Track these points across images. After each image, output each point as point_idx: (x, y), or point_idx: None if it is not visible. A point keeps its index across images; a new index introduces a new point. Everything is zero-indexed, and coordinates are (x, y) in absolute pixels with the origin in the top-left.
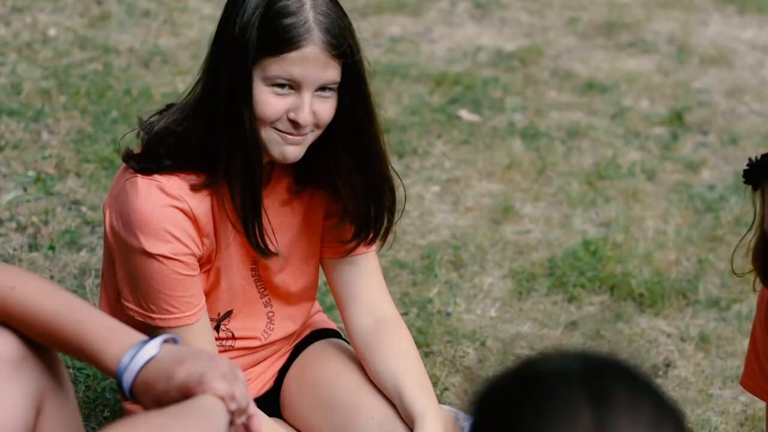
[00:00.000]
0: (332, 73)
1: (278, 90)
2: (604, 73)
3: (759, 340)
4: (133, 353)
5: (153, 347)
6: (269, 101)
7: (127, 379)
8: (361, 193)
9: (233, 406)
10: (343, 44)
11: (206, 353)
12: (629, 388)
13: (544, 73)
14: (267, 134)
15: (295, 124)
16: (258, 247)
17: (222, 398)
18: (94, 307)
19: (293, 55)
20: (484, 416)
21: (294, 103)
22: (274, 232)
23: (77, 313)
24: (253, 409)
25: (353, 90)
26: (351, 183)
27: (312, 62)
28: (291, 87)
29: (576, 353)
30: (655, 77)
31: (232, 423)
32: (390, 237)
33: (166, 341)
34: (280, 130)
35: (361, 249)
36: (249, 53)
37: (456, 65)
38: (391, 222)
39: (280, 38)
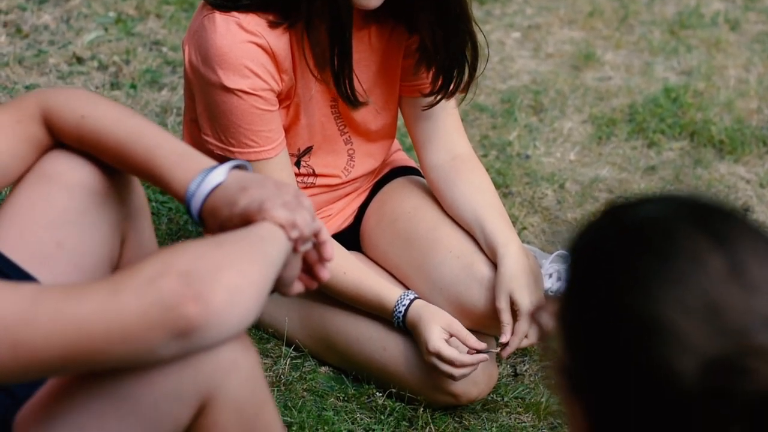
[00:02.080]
0: None
1: None
2: None
3: None
4: (201, 179)
5: (220, 174)
6: None
7: (195, 205)
8: (442, 44)
9: (294, 234)
10: None
11: (273, 181)
12: (740, 224)
13: None
14: None
15: None
16: (347, 98)
17: (282, 226)
18: (165, 133)
19: None
20: (591, 267)
21: None
22: (355, 72)
23: (146, 139)
24: (325, 235)
25: None
26: (432, 33)
27: None
28: None
29: (669, 196)
30: None
31: (295, 250)
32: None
33: (235, 168)
34: None
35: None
36: None
37: None
38: (472, 77)
39: None
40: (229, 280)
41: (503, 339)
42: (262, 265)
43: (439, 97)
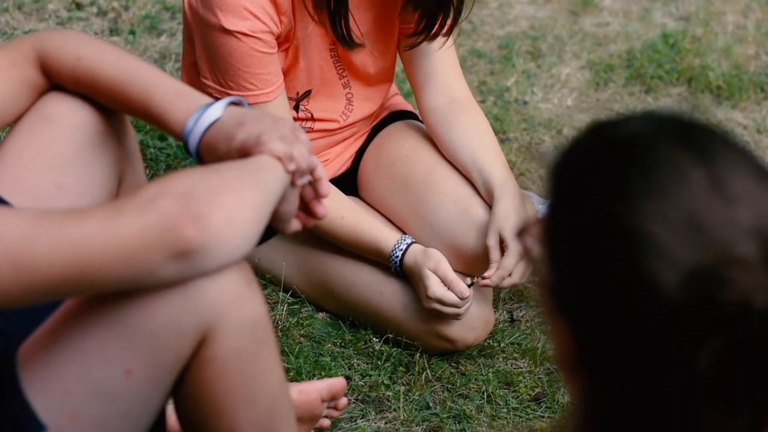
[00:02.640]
0: None
1: None
2: None
3: None
4: (198, 116)
5: (217, 110)
6: None
7: (193, 141)
8: None
9: (291, 167)
10: None
11: (270, 115)
12: (722, 142)
13: None
14: None
15: None
16: (343, 39)
17: (279, 158)
18: (161, 72)
19: None
20: (575, 181)
21: None
22: (352, 14)
23: (142, 79)
24: (321, 172)
25: None
26: None
27: None
28: None
29: (651, 113)
30: None
31: (293, 184)
32: (467, 27)
33: (231, 104)
34: None
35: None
36: None
37: None
38: (456, 21)
39: None
40: (228, 202)
41: (487, 273)
42: (260, 191)
43: (420, 39)
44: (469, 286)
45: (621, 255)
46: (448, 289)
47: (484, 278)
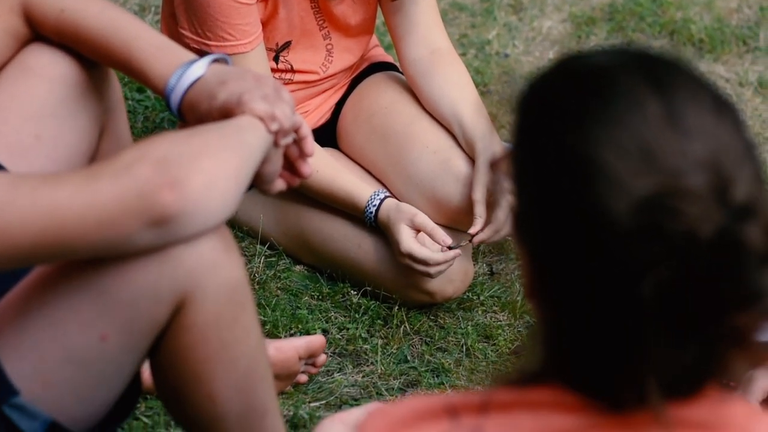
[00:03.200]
0: None
1: None
2: None
3: None
4: (181, 73)
5: (200, 67)
6: None
7: (174, 99)
8: None
9: (274, 127)
10: None
11: (253, 74)
12: (686, 77)
13: None
14: None
15: None
16: None
17: (262, 118)
18: (144, 25)
19: None
20: (538, 112)
21: None
22: None
23: (124, 32)
24: (306, 131)
25: None
26: None
27: None
28: None
29: (621, 48)
30: None
31: (276, 144)
32: None
33: (215, 61)
34: None
35: None
36: None
37: None
38: None
39: None
40: (207, 167)
41: (473, 230)
42: (241, 154)
43: None
44: (455, 247)
45: (576, 182)
46: (431, 237)
47: (471, 237)
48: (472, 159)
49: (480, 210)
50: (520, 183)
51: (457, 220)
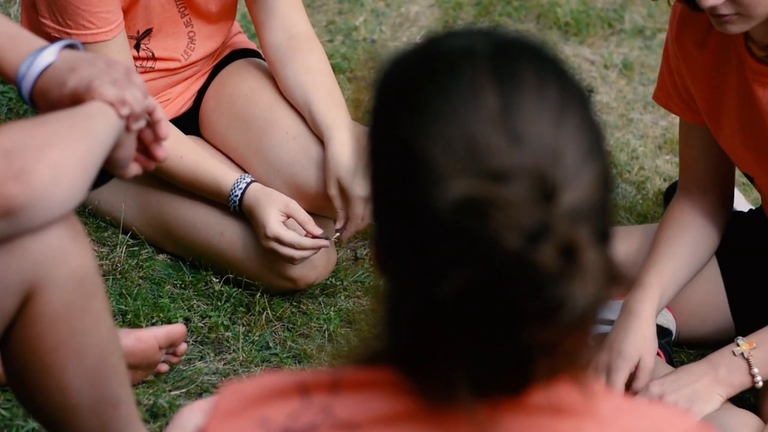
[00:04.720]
0: None
1: None
2: None
3: (671, 53)
4: (31, 60)
5: (50, 54)
6: None
7: (25, 87)
8: None
9: (125, 111)
10: None
11: (104, 59)
12: (537, 69)
13: None
14: None
15: None
16: None
17: (112, 104)
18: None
19: None
20: (382, 96)
21: None
22: None
23: None
24: (160, 114)
25: None
26: None
27: None
28: None
29: (487, 32)
30: None
31: (128, 129)
32: None
33: (66, 47)
34: None
35: None
36: None
37: None
38: None
39: None
40: (53, 157)
41: (338, 225)
42: (88, 142)
43: None
44: (326, 238)
45: (401, 173)
46: (303, 228)
47: (340, 232)
48: None
49: (338, 203)
50: (365, 166)
51: (318, 206)
